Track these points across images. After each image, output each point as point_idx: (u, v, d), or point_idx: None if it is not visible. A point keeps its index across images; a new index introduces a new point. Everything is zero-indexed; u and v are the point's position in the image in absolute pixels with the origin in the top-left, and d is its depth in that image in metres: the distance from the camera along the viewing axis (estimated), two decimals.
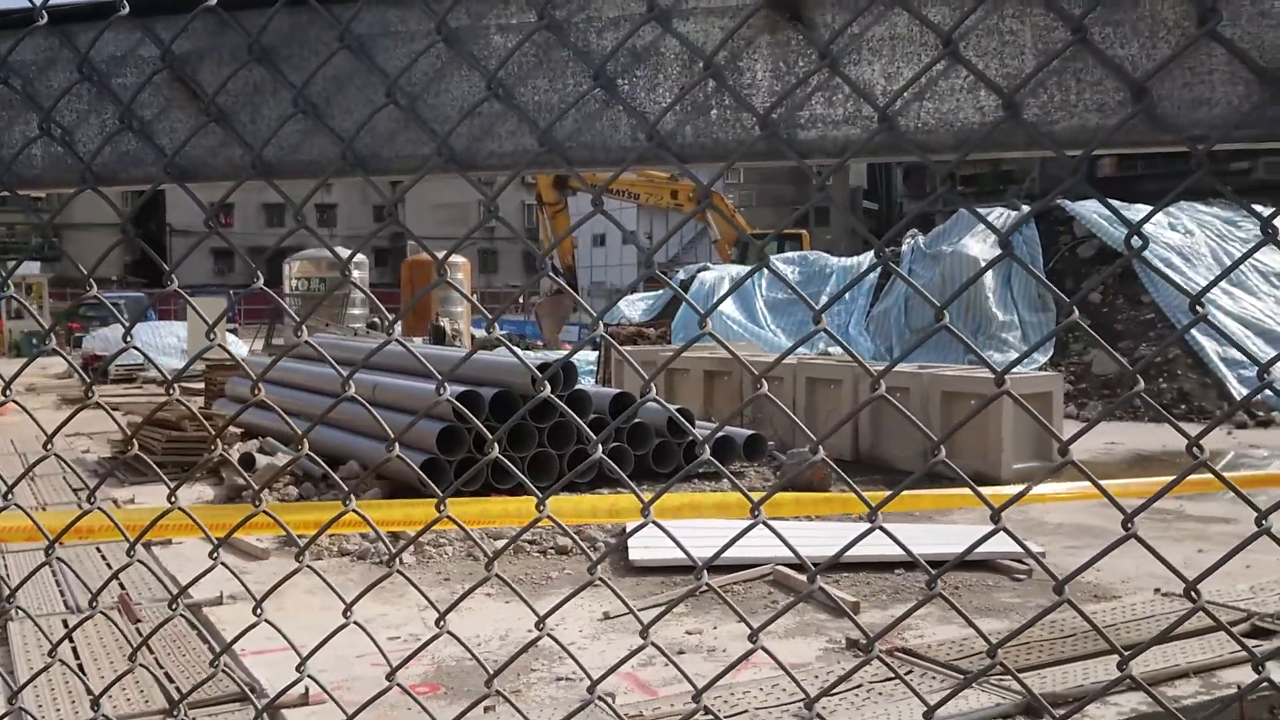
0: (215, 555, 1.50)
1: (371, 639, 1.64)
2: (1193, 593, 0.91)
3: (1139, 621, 5.37)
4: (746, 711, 4.35)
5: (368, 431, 8.96)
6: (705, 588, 1.37)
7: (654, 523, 1.35)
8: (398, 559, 1.42)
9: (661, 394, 12.37)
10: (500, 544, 7.06)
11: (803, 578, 6.05)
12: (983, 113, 0.87)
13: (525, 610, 5.86)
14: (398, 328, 1.32)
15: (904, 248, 16.64)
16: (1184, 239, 14.52)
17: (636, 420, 8.96)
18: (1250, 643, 4.97)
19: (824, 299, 17.62)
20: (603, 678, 1.53)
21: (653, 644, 1.36)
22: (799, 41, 0.93)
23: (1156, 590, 5.80)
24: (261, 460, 8.99)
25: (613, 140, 1.00)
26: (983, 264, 14.65)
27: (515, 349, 1.41)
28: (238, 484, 8.34)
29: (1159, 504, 6.63)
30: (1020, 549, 1.17)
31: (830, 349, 11.57)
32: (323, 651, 1.63)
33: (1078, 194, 15.48)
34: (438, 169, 1.07)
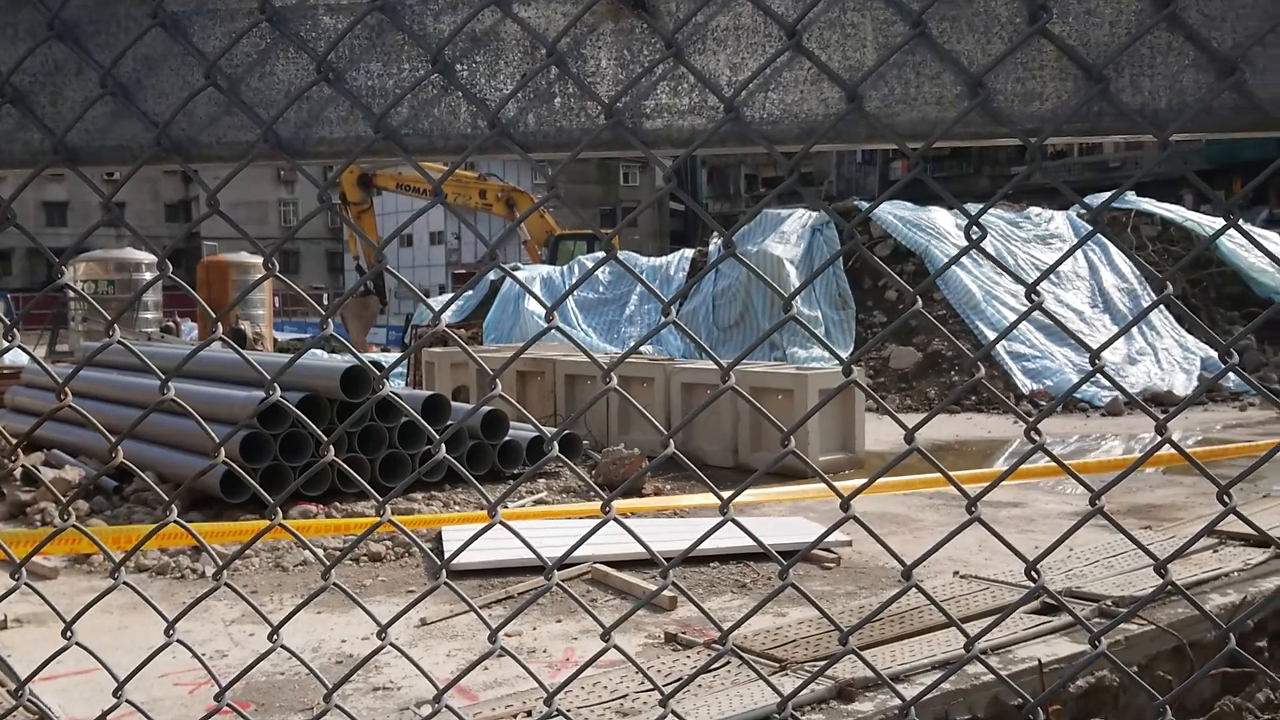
0: (19, 576, 1.38)
1: (197, 657, 1.55)
2: (1033, 572, 0.94)
3: (943, 602, 5.62)
4: (569, 710, 4.35)
5: (164, 440, 8.52)
6: (520, 589, 1.35)
7: (502, 523, 1.32)
8: (223, 572, 1.34)
9: (474, 396, 12.24)
10: (323, 553, 6.83)
11: (621, 575, 6.09)
12: (826, 104, 0.89)
13: (336, 620, 5.68)
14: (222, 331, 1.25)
15: (711, 248, 16.97)
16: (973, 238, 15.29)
17: (450, 422, 8.83)
18: (1039, 619, 5.26)
19: (634, 298, 17.71)
20: (451, 682, 1.50)
21: (503, 649, 1.32)
22: (643, 30, 0.92)
23: (955, 573, 6.07)
24: (47, 474, 8.44)
25: (452, 128, 0.96)
26: (786, 263, 15.08)
27: (352, 348, 1.35)
28: (19, 499, 7.80)
29: (954, 491, 6.91)
30: (835, 538, 1.20)
31: (649, 349, 11.67)
32: (123, 673, 1.53)
33: (867, 196, 16.16)
34: (264, 156, 1.01)
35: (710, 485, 1.12)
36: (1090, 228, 1.21)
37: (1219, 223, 19.28)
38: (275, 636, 1.33)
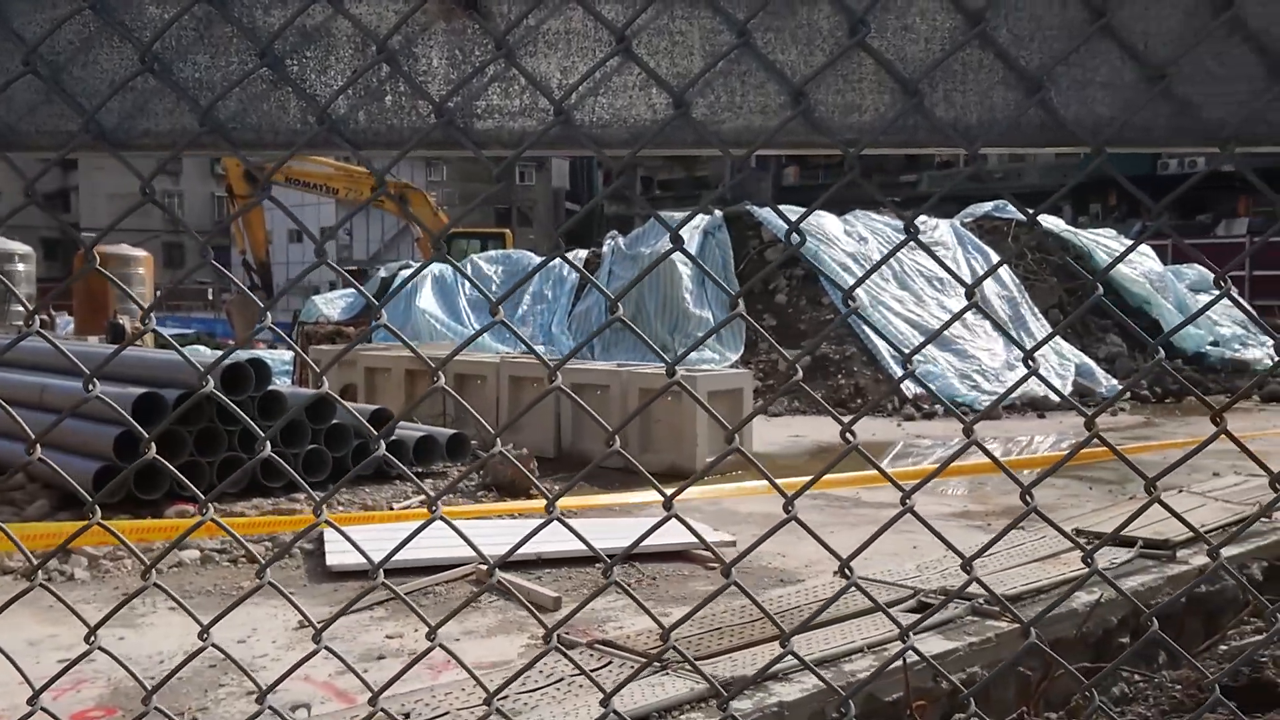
0: None
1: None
2: (846, 570, 0.97)
3: (820, 602, 5.71)
4: (449, 713, 4.31)
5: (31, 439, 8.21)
6: (394, 590, 1.34)
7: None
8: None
9: (362, 394, 12.06)
10: (184, 554, 6.65)
11: (507, 575, 6.06)
12: (654, 110, 0.90)
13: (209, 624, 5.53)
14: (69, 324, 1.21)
15: (605, 249, 17.01)
16: (858, 245, 15.62)
17: (334, 421, 8.68)
18: (915, 617, 5.38)
19: (526, 298, 17.63)
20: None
21: (327, 648, 1.31)
22: (475, 31, 0.92)
23: (836, 572, 6.17)
24: None
25: (281, 123, 0.95)
26: (679, 265, 15.19)
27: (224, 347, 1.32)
28: None
29: (838, 491, 7.03)
30: (719, 538, 1.21)
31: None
32: None
33: (763, 201, 16.36)
34: (85, 146, 0.98)
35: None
36: (969, 235, 1.28)
37: (1097, 234, 19.98)
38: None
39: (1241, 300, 1.21)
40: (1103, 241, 18.25)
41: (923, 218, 16.75)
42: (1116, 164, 1.04)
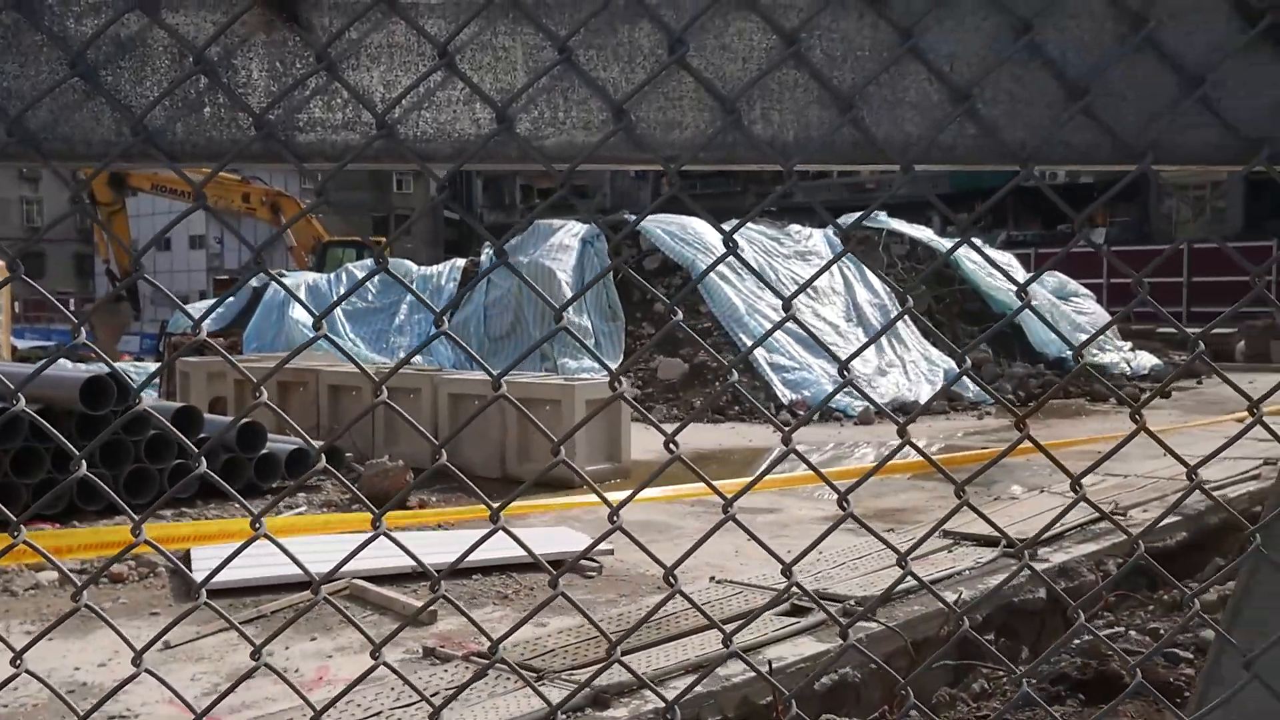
0: None
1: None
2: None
3: (698, 607, 5.76)
4: None
5: None
6: (272, 608, 1.31)
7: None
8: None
9: (232, 407, 11.75)
10: (42, 575, 6.39)
11: (380, 590, 5.98)
12: (479, 125, 0.90)
13: (69, 647, 5.33)
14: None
15: (483, 258, 16.90)
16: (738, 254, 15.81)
17: (203, 435, 8.44)
18: (789, 620, 5.47)
19: (404, 307, 17.36)
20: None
21: (148, 671, 1.27)
22: (296, 43, 0.91)
23: (712, 578, 6.24)
24: None
25: (95, 134, 0.92)
26: (559, 275, 15.19)
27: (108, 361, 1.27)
28: None
29: (713, 497, 7.07)
30: (598, 548, 1.21)
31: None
32: None
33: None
34: None
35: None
36: (842, 245, 1.31)
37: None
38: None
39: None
40: (969, 250, 18.83)
41: (796, 227, 17.07)
42: (989, 175, 1.08)
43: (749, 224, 16.69)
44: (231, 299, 19.86)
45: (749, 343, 14.09)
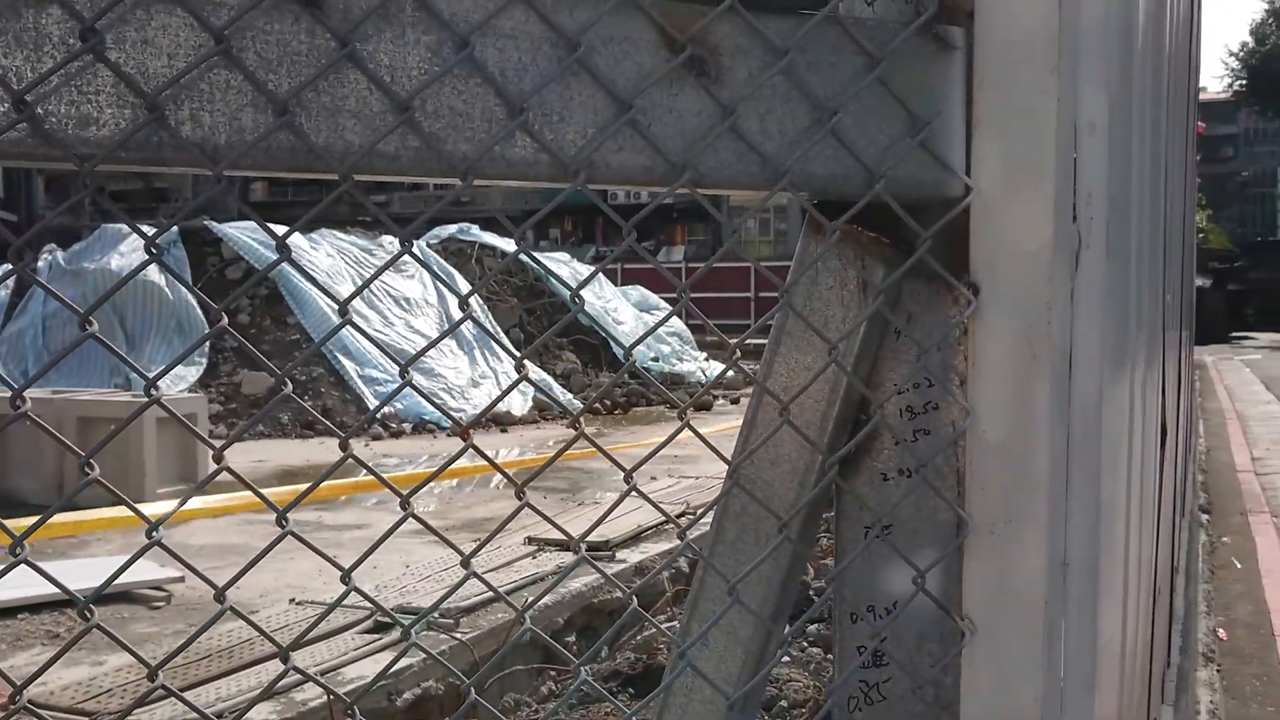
0: None
1: None
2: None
3: (276, 631, 5.52)
4: None
5: None
6: None
7: None
8: None
9: None
10: None
11: None
12: None
13: None
14: None
15: (41, 264, 15.36)
16: (330, 262, 15.39)
17: None
18: (372, 637, 5.38)
19: None
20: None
21: None
22: None
23: (292, 600, 6.02)
24: None
25: None
26: (163, 286, 14.09)
27: None
28: None
29: (302, 515, 6.85)
30: (167, 575, 1.10)
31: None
32: None
33: (224, 216, 15.66)
34: None
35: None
36: (435, 255, 1.28)
37: (554, 257, 21.29)
38: None
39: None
40: (559, 265, 19.43)
41: (390, 238, 16.87)
42: (579, 195, 1.11)
43: (338, 233, 16.29)
44: None
45: (340, 356, 13.77)
